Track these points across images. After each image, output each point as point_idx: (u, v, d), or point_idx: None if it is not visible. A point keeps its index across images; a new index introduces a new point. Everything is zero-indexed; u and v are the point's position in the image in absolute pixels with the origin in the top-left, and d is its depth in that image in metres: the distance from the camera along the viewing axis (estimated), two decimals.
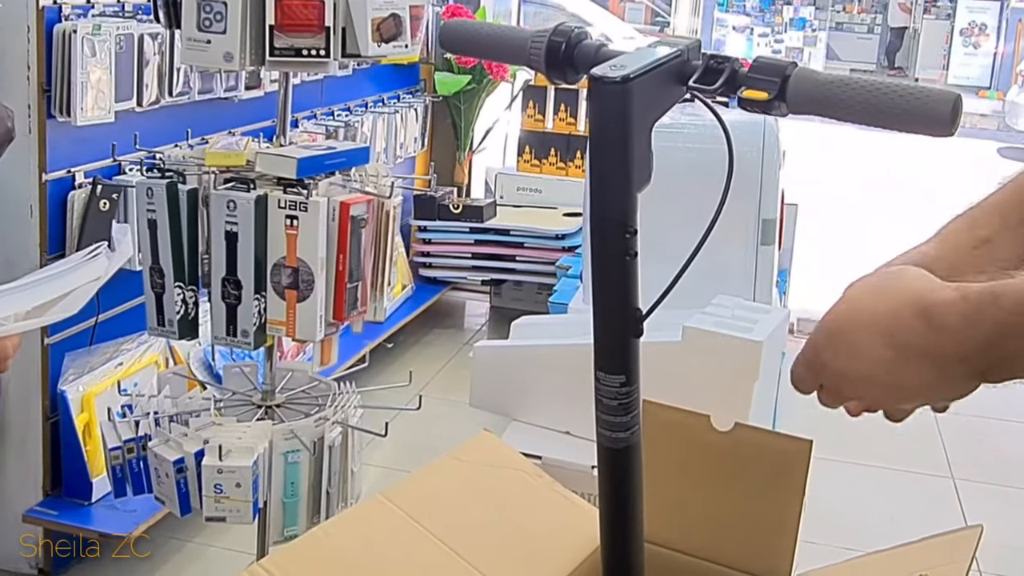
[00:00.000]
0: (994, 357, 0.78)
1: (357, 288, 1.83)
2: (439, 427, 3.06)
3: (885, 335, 0.82)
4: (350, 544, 1.19)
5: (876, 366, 0.83)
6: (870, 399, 0.89)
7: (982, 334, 0.77)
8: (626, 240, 0.97)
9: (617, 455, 1.07)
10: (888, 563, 1.20)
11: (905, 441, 3.41)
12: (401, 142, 3.88)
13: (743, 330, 1.91)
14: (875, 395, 0.88)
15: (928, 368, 0.81)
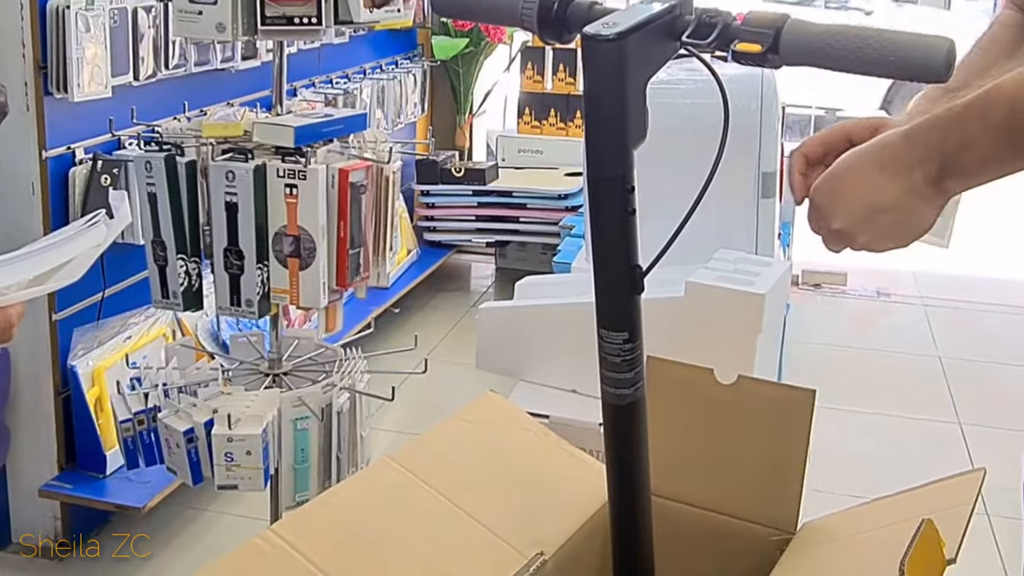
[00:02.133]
0: (945, 156, 0.90)
1: (359, 254, 1.84)
2: (448, 390, 3.08)
3: (876, 155, 0.94)
4: (360, 506, 1.21)
5: (861, 184, 0.94)
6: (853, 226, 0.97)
7: (937, 134, 0.90)
8: (624, 197, 0.97)
9: (622, 411, 1.08)
10: (892, 509, 1.22)
11: (911, 388, 3.43)
12: (401, 108, 3.87)
13: (745, 283, 1.92)
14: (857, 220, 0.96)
15: (901, 178, 0.92)
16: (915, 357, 3.71)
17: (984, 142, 0.88)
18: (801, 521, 1.30)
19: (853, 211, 0.95)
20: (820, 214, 0.98)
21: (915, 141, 0.92)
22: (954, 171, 0.91)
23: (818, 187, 0.98)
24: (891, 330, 4.05)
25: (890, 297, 4.34)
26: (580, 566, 1.28)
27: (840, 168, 0.96)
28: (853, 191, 0.95)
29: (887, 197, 0.93)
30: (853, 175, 0.95)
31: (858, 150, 0.96)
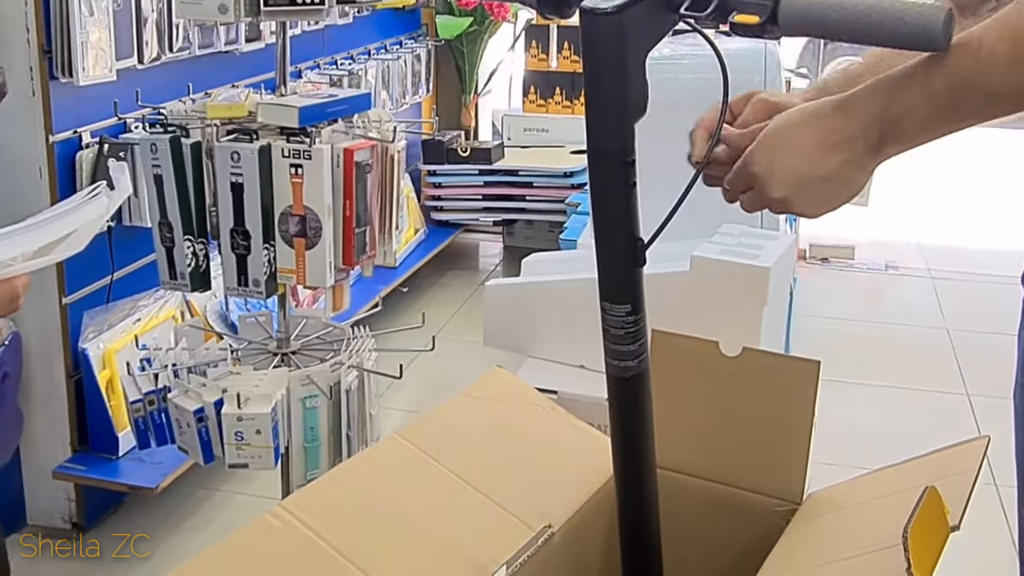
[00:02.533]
0: (886, 124, 0.92)
1: (365, 233, 1.85)
2: (457, 367, 3.09)
3: (815, 126, 0.96)
4: (368, 482, 1.22)
5: (802, 157, 0.96)
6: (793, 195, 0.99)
7: (878, 103, 0.93)
8: (624, 170, 0.98)
9: (626, 383, 1.09)
10: (896, 478, 1.22)
11: (919, 360, 3.43)
12: (406, 88, 3.87)
13: (750, 257, 1.92)
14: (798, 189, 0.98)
15: (844, 147, 0.95)
16: (923, 329, 3.71)
17: (924, 108, 0.91)
18: (807, 492, 1.31)
19: (793, 181, 0.97)
20: (758, 183, 0.99)
21: (854, 111, 0.94)
22: (894, 138, 0.94)
23: (755, 158, 0.99)
24: (899, 303, 4.05)
25: (898, 270, 4.34)
26: (588, 538, 1.29)
27: (778, 139, 0.98)
28: (793, 163, 0.96)
29: (829, 167, 0.95)
30: (794, 147, 0.96)
31: (793, 121, 0.98)
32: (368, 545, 1.13)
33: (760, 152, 0.98)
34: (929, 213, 5.11)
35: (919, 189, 5.34)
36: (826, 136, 0.95)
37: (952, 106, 0.90)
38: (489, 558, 1.16)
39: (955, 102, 0.90)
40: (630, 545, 1.20)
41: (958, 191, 5.43)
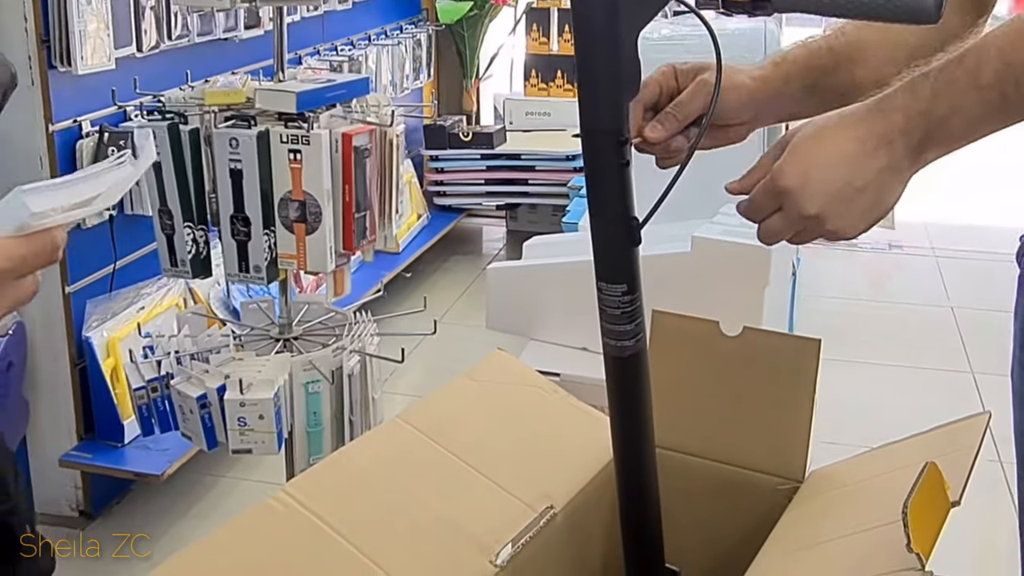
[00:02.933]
0: (930, 123, 0.86)
1: (365, 217, 1.85)
2: (461, 352, 3.10)
3: (851, 130, 0.89)
4: (369, 465, 1.22)
5: (839, 166, 0.89)
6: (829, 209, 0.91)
7: (920, 102, 0.86)
8: (618, 149, 0.97)
9: (624, 363, 1.09)
10: (897, 454, 1.22)
11: (924, 339, 3.43)
12: (407, 73, 3.86)
13: (751, 237, 1.90)
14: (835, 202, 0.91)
15: (883, 152, 0.88)
16: (927, 308, 3.71)
17: (973, 104, 0.85)
18: (809, 470, 1.31)
19: (830, 194, 0.90)
20: (789, 199, 0.91)
21: (893, 111, 0.88)
22: (938, 138, 0.88)
23: (786, 171, 0.91)
24: (903, 282, 4.04)
25: (902, 249, 4.33)
26: (590, 519, 1.30)
27: (810, 147, 0.90)
28: (829, 173, 0.89)
29: (867, 175, 0.89)
30: (829, 155, 0.89)
31: (826, 127, 0.90)
32: (370, 527, 1.13)
33: (792, 163, 0.90)
34: (933, 192, 5.09)
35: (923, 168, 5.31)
36: (863, 140, 0.88)
37: (1002, 103, 0.84)
38: (492, 539, 1.16)
39: (1005, 98, 0.84)
40: (630, 525, 1.20)
41: (962, 169, 5.40)
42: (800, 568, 1.08)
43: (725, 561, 1.28)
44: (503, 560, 1.14)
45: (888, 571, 0.92)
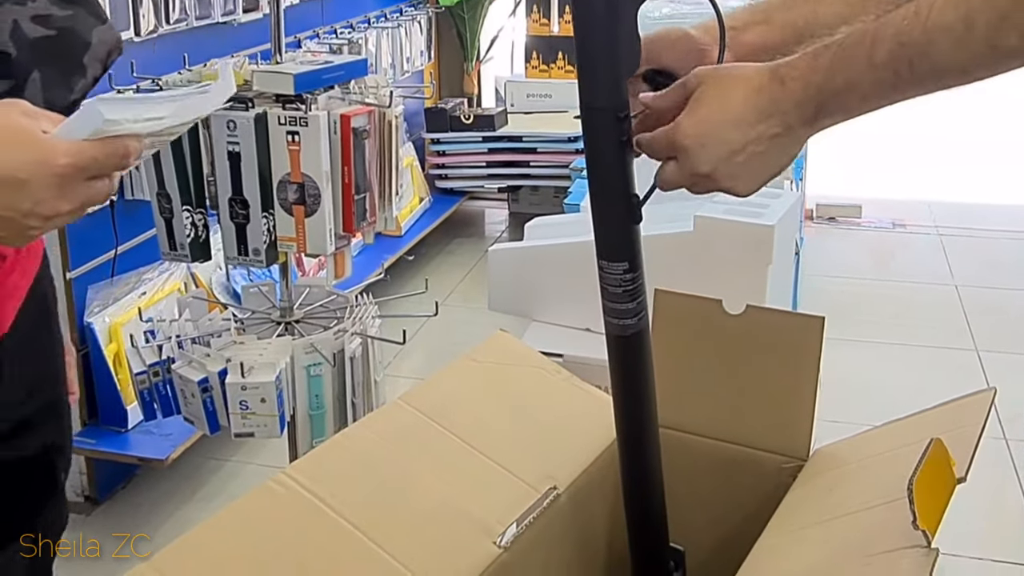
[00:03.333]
0: (825, 96, 0.88)
1: (365, 199, 1.84)
2: (463, 334, 3.09)
3: (753, 98, 0.91)
4: (372, 447, 1.22)
5: (735, 130, 0.92)
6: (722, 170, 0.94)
7: (818, 74, 0.88)
8: (617, 126, 0.96)
9: (626, 342, 1.08)
10: (902, 431, 1.22)
11: (928, 318, 3.42)
12: (407, 56, 3.84)
13: (754, 215, 1.91)
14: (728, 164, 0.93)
15: (777, 120, 0.90)
16: (932, 287, 3.69)
17: (867, 82, 0.86)
18: (813, 448, 1.31)
19: (724, 156, 0.92)
20: (685, 155, 0.94)
21: (792, 83, 0.89)
22: (832, 110, 0.89)
23: (685, 130, 0.93)
24: (907, 261, 4.03)
25: (905, 228, 4.32)
26: (593, 499, 1.29)
27: (709, 110, 0.93)
28: (726, 135, 0.92)
29: (763, 138, 0.91)
30: (727, 119, 0.92)
31: (725, 90, 0.92)
32: (372, 509, 1.12)
33: (691, 122, 0.93)
34: (936, 170, 5.08)
35: (926, 146, 5.30)
36: (761, 108, 0.91)
37: (895, 81, 0.85)
38: (495, 520, 1.16)
39: (899, 76, 0.85)
40: (634, 504, 1.20)
41: (965, 147, 5.39)
42: (805, 546, 1.07)
43: (729, 540, 1.28)
44: (507, 541, 1.13)
45: (894, 548, 0.91)
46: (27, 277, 1.09)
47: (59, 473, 1.22)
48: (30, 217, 0.80)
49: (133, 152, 0.83)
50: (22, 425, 1.12)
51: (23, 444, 1.14)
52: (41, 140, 0.79)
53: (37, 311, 1.11)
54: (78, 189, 0.81)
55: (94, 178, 0.82)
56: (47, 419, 1.17)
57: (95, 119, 0.80)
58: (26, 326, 1.08)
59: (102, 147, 0.81)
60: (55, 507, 1.25)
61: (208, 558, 1.03)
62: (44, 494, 1.21)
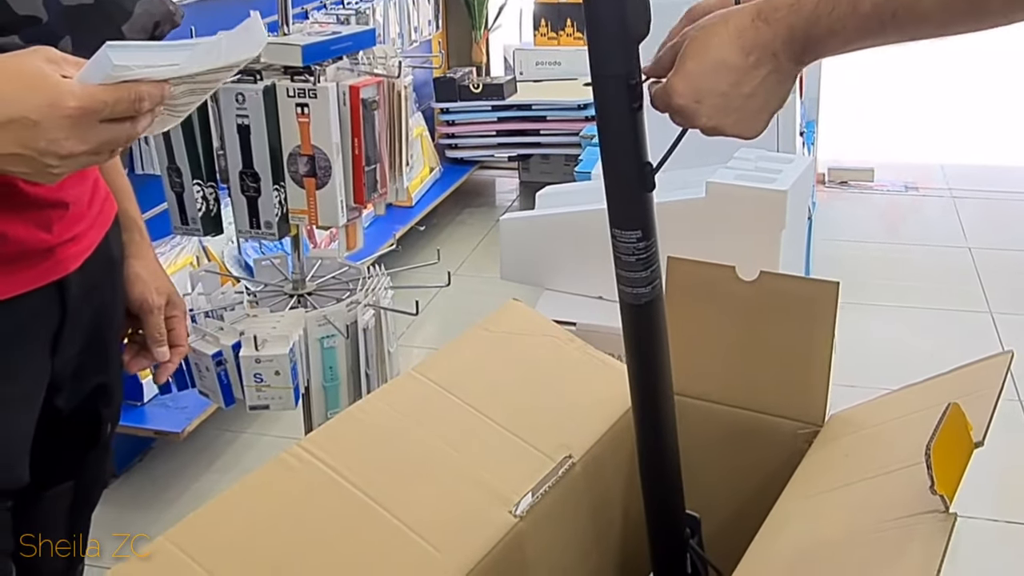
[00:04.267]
0: (810, 39, 0.90)
1: (375, 171, 1.83)
2: (476, 304, 3.09)
3: (735, 41, 0.92)
4: (386, 419, 1.22)
5: (725, 78, 0.92)
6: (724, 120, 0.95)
7: (802, 19, 0.89)
8: (629, 93, 0.95)
9: (639, 310, 1.08)
10: (918, 396, 1.21)
11: (942, 281, 3.40)
12: (415, 25, 3.82)
13: (766, 181, 1.90)
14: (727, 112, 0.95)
15: (767, 61, 0.91)
16: (945, 249, 3.68)
17: (852, 29, 0.88)
18: (828, 414, 1.30)
19: (722, 106, 0.93)
20: (684, 115, 0.95)
21: (777, 25, 0.90)
22: (817, 52, 0.91)
23: (676, 88, 0.93)
24: (920, 224, 4.01)
25: (918, 191, 4.29)
26: (608, 468, 1.29)
27: (697, 63, 0.93)
28: (720, 87, 0.92)
29: (753, 82, 0.92)
30: (712, 66, 0.92)
31: (710, 39, 0.93)
32: (387, 480, 1.13)
33: (682, 81, 0.93)
34: (949, 132, 5.04)
35: (938, 108, 5.26)
36: (748, 51, 0.91)
37: (880, 27, 0.87)
38: (510, 490, 1.16)
39: (882, 25, 0.86)
40: (650, 472, 1.20)
41: (978, 109, 5.34)
42: (822, 512, 1.07)
43: (745, 506, 1.28)
44: (522, 510, 1.14)
45: (912, 513, 0.91)
46: (98, 231, 1.15)
47: (105, 425, 1.24)
48: (47, 156, 0.84)
49: (147, 98, 0.86)
50: (76, 375, 1.16)
51: (74, 394, 1.17)
52: (54, 83, 0.83)
53: (103, 266, 1.16)
54: (92, 131, 0.85)
55: (110, 121, 0.86)
56: (99, 372, 1.21)
57: (105, 65, 0.83)
58: (92, 277, 1.13)
59: (113, 91, 0.84)
60: (99, 459, 1.28)
61: (224, 531, 1.04)
62: (88, 445, 1.24)
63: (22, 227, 1.02)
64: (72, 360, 1.14)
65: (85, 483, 1.26)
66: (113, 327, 1.23)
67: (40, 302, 1.06)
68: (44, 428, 1.12)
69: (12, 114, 0.82)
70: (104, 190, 1.20)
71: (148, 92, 0.86)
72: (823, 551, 0.99)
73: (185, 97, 0.93)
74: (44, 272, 1.06)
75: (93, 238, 1.13)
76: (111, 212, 1.20)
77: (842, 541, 0.97)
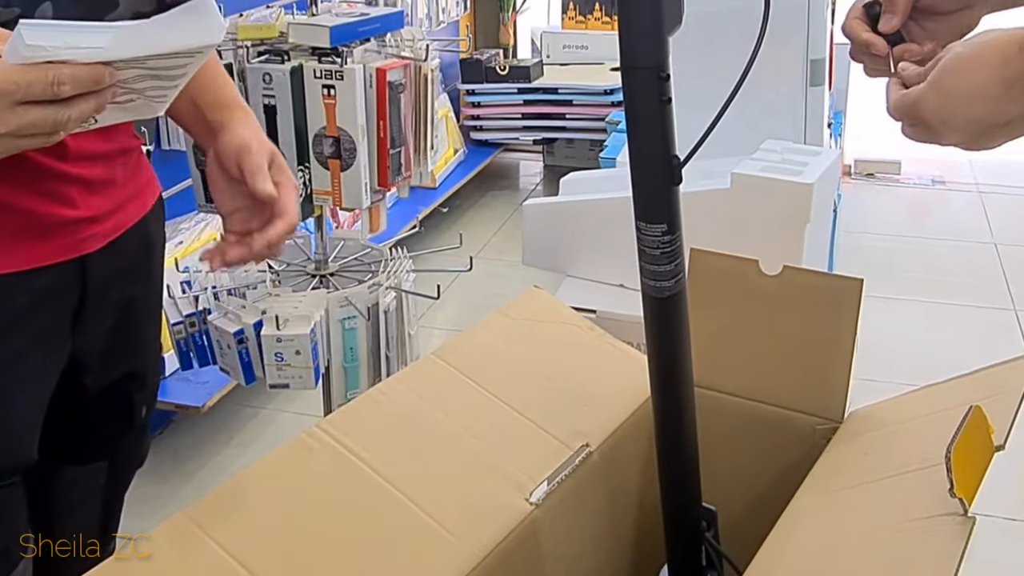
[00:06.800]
0: None
1: (400, 153, 1.83)
2: (497, 288, 3.09)
3: (999, 70, 0.87)
4: (405, 402, 1.22)
5: (982, 106, 0.89)
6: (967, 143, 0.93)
7: None
8: (659, 85, 0.95)
9: (663, 304, 1.07)
10: (940, 396, 1.21)
11: (966, 276, 3.38)
12: (443, 6, 3.81)
13: (792, 173, 1.89)
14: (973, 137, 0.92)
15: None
16: (971, 245, 3.65)
17: None
18: (849, 410, 1.30)
19: (970, 132, 0.90)
20: (929, 130, 0.92)
21: None
22: None
23: (927, 104, 0.91)
24: (946, 218, 3.98)
25: (945, 185, 4.25)
26: (625, 457, 1.29)
27: (953, 86, 0.90)
28: (971, 113, 0.89)
29: (1012, 113, 0.88)
30: (972, 96, 0.88)
31: (971, 65, 0.89)
32: (405, 464, 1.13)
33: (934, 97, 0.90)
34: None
35: None
36: (1011, 84, 0.87)
37: None
38: (527, 477, 1.16)
39: None
40: (668, 464, 1.20)
41: None
42: (840, 509, 1.07)
43: (762, 500, 1.28)
44: (538, 498, 1.14)
45: (930, 515, 0.91)
46: (133, 213, 1.13)
47: (138, 408, 1.24)
48: None
49: (70, 81, 0.80)
50: (104, 356, 1.15)
51: (102, 375, 1.17)
52: None
53: (138, 250, 1.15)
54: (9, 113, 0.80)
55: (25, 104, 0.80)
56: (131, 357, 1.21)
57: (19, 44, 0.79)
58: (124, 260, 1.12)
59: (26, 72, 0.79)
60: (134, 441, 1.29)
61: (243, 510, 1.04)
62: (123, 428, 1.24)
63: (37, 200, 1.01)
64: (99, 341, 1.13)
65: (119, 463, 1.27)
66: (148, 312, 1.22)
67: (59, 278, 1.05)
68: (72, 406, 1.12)
69: None
70: (148, 174, 1.19)
71: (72, 75, 0.80)
72: (840, 550, 0.98)
73: (144, 82, 0.87)
74: (63, 248, 1.05)
75: (124, 219, 1.12)
76: (152, 196, 1.19)
77: (859, 540, 0.97)
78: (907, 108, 0.93)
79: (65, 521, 1.25)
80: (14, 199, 1.00)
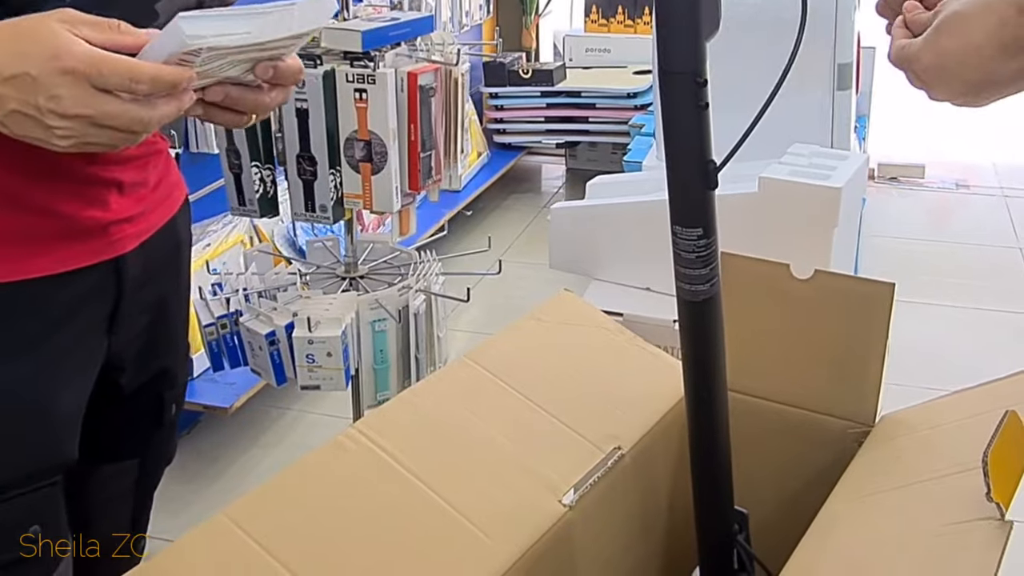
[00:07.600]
0: None
1: (431, 157, 1.85)
2: (522, 290, 3.10)
3: (996, 32, 0.87)
4: (438, 404, 1.23)
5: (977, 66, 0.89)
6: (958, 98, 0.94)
7: None
8: (697, 91, 0.95)
9: (697, 308, 1.08)
10: (973, 401, 1.21)
11: (991, 280, 3.37)
12: (467, 10, 3.82)
13: (820, 177, 1.89)
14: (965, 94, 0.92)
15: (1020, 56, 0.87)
16: (995, 249, 3.64)
17: None
18: (880, 414, 1.30)
19: (963, 90, 0.91)
20: (923, 84, 0.93)
21: None
22: None
23: (922, 62, 0.92)
24: (970, 222, 3.96)
25: (969, 188, 4.24)
26: (657, 460, 1.30)
27: (948, 43, 0.90)
28: (966, 73, 0.90)
29: (1006, 73, 0.89)
30: (967, 54, 0.89)
31: (967, 23, 0.89)
32: (439, 466, 1.14)
33: (929, 54, 0.91)
34: (1001, 129, 4.97)
35: (991, 106, 5.18)
36: (1006, 44, 0.87)
37: None
38: (559, 479, 1.17)
39: None
40: (701, 467, 1.20)
41: None
42: (873, 514, 1.07)
43: (793, 504, 1.28)
44: (571, 500, 1.14)
45: (966, 520, 0.91)
46: (162, 214, 1.15)
47: (167, 407, 1.26)
48: (47, 115, 0.81)
49: (144, 80, 0.82)
50: (140, 356, 1.17)
51: (137, 375, 1.18)
52: (58, 38, 0.80)
53: (168, 250, 1.17)
54: (92, 96, 0.81)
55: (105, 92, 0.81)
56: (164, 355, 1.22)
57: (178, 35, 0.81)
58: (155, 260, 1.13)
59: (107, 62, 0.81)
60: (163, 439, 1.30)
61: (280, 510, 1.05)
62: (153, 426, 1.26)
63: (72, 203, 1.02)
64: (134, 341, 1.15)
65: (150, 461, 1.29)
66: (178, 309, 1.24)
67: (95, 280, 1.06)
68: (108, 406, 1.14)
69: (15, 70, 0.80)
70: (175, 175, 1.21)
71: (153, 75, 0.82)
72: (874, 555, 0.99)
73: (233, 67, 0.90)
74: (98, 250, 1.05)
75: (154, 220, 1.13)
76: (180, 196, 1.21)
77: (894, 545, 0.98)
78: (905, 59, 0.94)
79: (99, 520, 1.27)
80: (51, 203, 1.01)
